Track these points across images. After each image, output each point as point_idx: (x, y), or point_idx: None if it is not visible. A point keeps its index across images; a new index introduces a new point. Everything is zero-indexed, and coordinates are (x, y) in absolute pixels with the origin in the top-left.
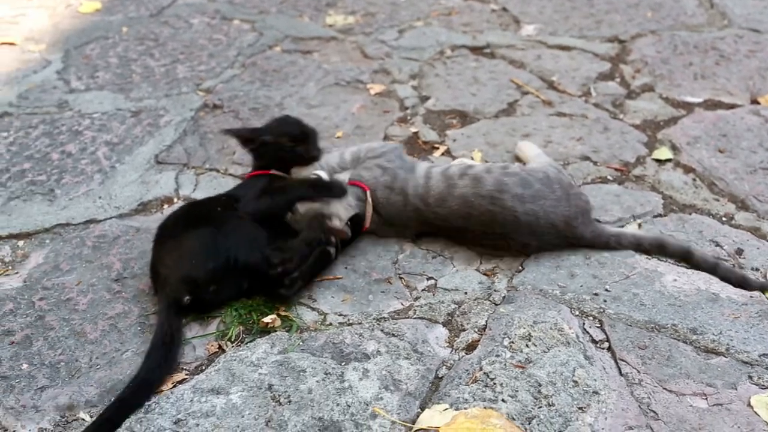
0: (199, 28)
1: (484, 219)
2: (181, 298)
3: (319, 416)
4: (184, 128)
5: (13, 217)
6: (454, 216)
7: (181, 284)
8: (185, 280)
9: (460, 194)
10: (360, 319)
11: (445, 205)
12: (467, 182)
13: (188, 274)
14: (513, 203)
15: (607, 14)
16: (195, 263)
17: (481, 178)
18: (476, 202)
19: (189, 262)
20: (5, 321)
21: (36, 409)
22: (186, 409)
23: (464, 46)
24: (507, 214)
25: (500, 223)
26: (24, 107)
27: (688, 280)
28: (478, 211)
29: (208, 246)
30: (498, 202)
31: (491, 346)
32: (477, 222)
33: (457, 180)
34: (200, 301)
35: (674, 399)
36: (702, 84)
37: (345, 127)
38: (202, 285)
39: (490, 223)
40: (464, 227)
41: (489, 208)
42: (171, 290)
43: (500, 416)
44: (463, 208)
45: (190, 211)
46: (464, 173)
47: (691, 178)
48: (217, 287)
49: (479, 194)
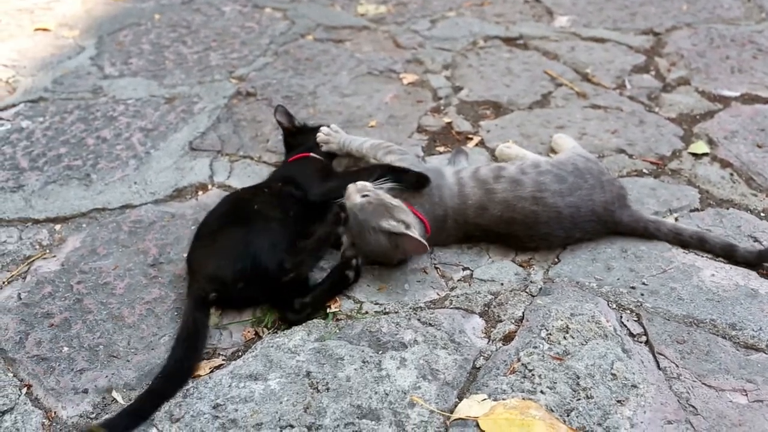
0: (231, 15)
1: (528, 221)
2: (207, 295)
3: (357, 404)
4: (218, 115)
5: (50, 201)
6: (497, 223)
7: (208, 282)
8: (213, 278)
9: (501, 199)
10: (396, 308)
11: (486, 215)
12: (506, 185)
13: (215, 272)
14: (554, 199)
15: (642, 6)
16: (224, 262)
17: (519, 180)
18: (519, 205)
19: (218, 260)
20: (44, 303)
21: (76, 391)
22: (225, 394)
23: (497, 36)
24: (550, 212)
25: (544, 222)
26: (59, 92)
27: (726, 275)
28: (521, 215)
29: (239, 246)
30: (540, 201)
31: (529, 338)
32: (521, 225)
33: (493, 184)
34: (227, 299)
35: (713, 394)
36: (739, 78)
37: (378, 117)
38: (229, 284)
39: (534, 224)
40: (507, 233)
41: (532, 209)
42: (198, 286)
43: (539, 407)
44: (506, 213)
45: (233, 203)
46: (498, 176)
47: (729, 173)
48: (244, 286)
49: (521, 196)
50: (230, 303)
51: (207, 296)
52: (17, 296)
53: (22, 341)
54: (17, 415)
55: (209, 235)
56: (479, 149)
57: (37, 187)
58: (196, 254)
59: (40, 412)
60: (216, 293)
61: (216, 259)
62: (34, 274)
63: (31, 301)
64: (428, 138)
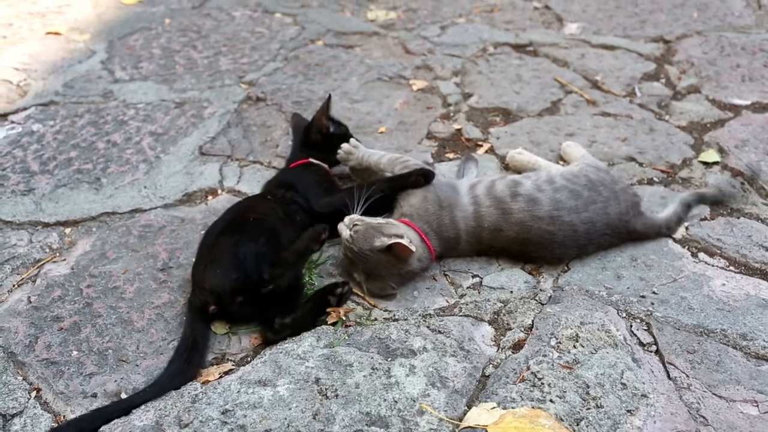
0: (242, 20)
1: (543, 242)
2: (207, 307)
3: (366, 411)
4: (228, 120)
5: (60, 204)
6: (512, 244)
7: (207, 293)
8: (211, 290)
9: (518, 220)
10: (405, 315)
11: (501, 236)
12: (522, 205)
13: (213, 284)
14: (570, 217)
15: (652, 14)
16: (219, 273)
17: (536, 198)
18: (535, 226)
19: (214, 271)
20: (54, 307)
21: (85, 395)
22: (233, 400)
23: (507, 43)
24: (566, 231)
25: (559, 243)
26: (70, 96)
27: (736, 285)
28: (537, 236)
29: (231, 256)
30: (557, 221)
31: (538, 346)
32: (535, 246)
33: (510, 203)
34: (227, 312)
35: (724, 405)
36: (750, 86)
37: (388, 123)
38: (227, 296)
39: (549, 244)
40: (521, 252)
41: (548, 229)
42: (198, 297)
43: (549, 416)
44: (521, 234)
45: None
46: (515, 193)
47: (739, 182)
48: (243, 299)
49: (537, 216)
50: (231, 317)
51: (207, 308)
52: (27, 299)
53: (32, 344)
54: (26, 418)
55: (207, 246)
56: (489, 156)
57: (47, 190)
58: (198, 263)
59: (49, 415)
60: (216, 306)
61: (213, 268)
62: (44, 277)
63: (41, 305)
64: (438, 144)
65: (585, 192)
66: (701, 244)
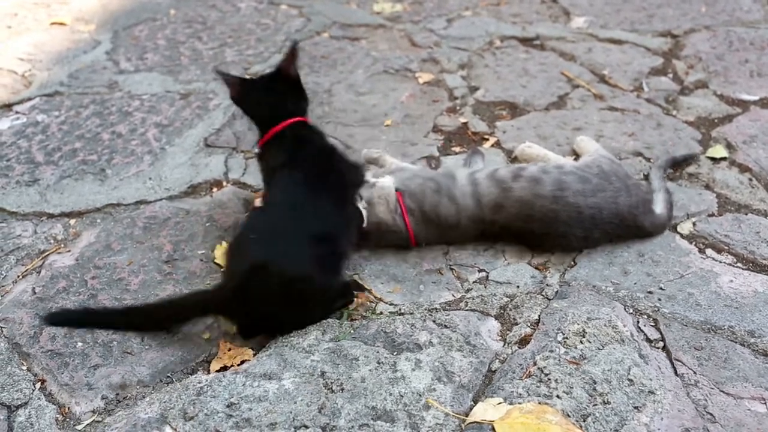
0: (247, 12)
1: (546, 219)
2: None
3: (372, 405)
4: (233, 112)
5: (65, 195)
6: (513, 220)
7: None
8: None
9: (518, 197)
10: (411, 309)
11: (503, 212)
12: (524, 184)
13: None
14: (576, 199)
15: (660, 8)
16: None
17: (539, 178)
18: (537, 203)
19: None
20: (59, 298)
21: (89, 387)
22: (239, 393)
23: (513, 37)
24: (570, 210)
25: (563, 221)
26: (74, 87)
27: (744, 282)
28: (540, 212)
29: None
30: (561, 200)
31: (545, 341)
32: (539, 224)
33: (511, 183)
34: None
35: (732, 402)
36: (759, 82)
37: (394, 116)
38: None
39: (553, 222)
40: (524, 230)
41: (552, 207)
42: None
43: (555, 412)
44: (523, 210)
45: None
46: (518, 175)
47: (747, 178)
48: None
49: (540, 194)
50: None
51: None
52: (32, 290)
53: (37, 336)
54: (31, 409)
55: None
56: (495, 150)
57: (52, 181)
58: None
59: (53, 407)
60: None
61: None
62: (48, 268)
63: (46, 296)
64: (444, 138)
65: (595, 179)
66: (709, 240)
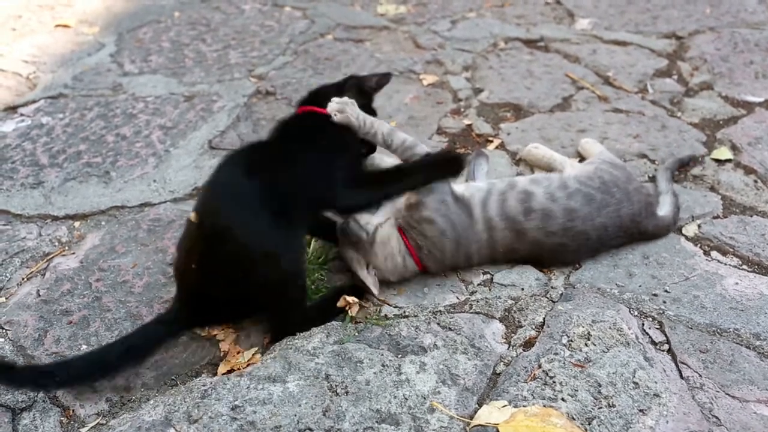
0: (251, 14)
1: (556, 254)
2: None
3: (376, 408)
4: (237, 114)
5: (70, 198)
6: (525, 258)
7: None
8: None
9: (532, 239)
10: (416, 311)
11: (516, 252)
12: (537, 223)
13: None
14: (584, 225)
15: (664, 10)
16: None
17: (550, 211)
18: (548, 241)
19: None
20: (63, 301)
21: (93, 389)
22: (243, 396)
23: (518, 38)
24: (579, 239)
25: (572, 251)
26: (79, 89)
27: (750, 284)
28: (549, 248)
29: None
30: (569, 232)
31: (549, 344)
32: (548, 254)
33: (524, 222)
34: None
35: (737, 405)
36: (763, 83)
37: (398, 118)
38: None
39: (562, 254)
40: (533, 259)
41: (560, 242)
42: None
43: (560, 415)
44: (534, 249)
45: None
46: (529, 210)
47: (752, 180)
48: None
49: (550, 232)
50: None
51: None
52: (36, 293)
53: (41, 338)
54: (35, 412)
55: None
56: (499, 152)
57: (56, 183)
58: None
59: (58, 409)
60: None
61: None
62: (53, 271)
63: (50, 298)
64: (448, 140)
65: (598, 195)
66: (714, 242)
